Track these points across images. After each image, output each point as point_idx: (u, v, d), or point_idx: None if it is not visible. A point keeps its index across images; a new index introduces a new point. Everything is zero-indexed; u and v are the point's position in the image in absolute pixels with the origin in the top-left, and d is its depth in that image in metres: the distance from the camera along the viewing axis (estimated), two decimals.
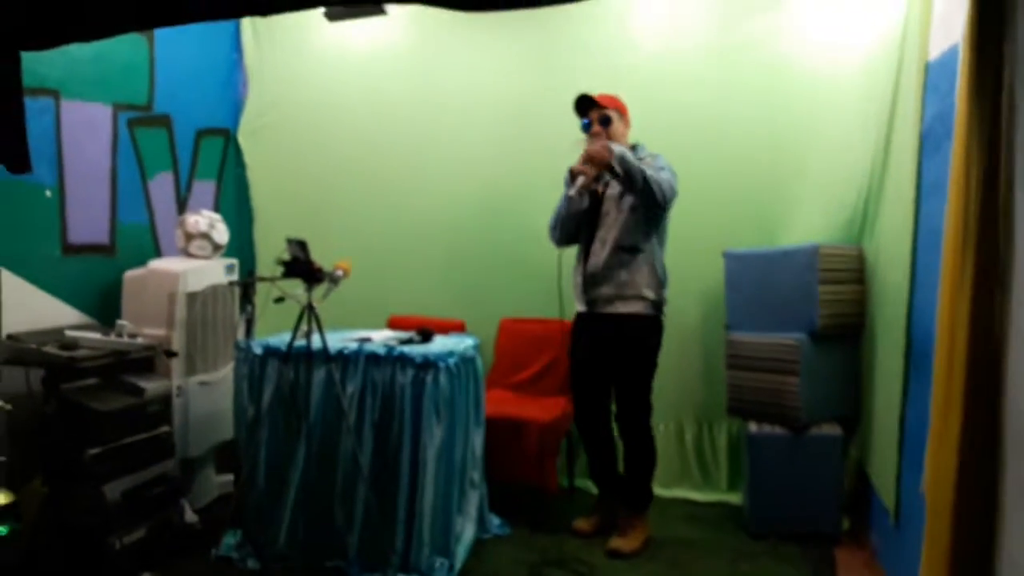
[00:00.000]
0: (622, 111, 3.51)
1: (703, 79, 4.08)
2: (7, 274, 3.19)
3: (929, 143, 2.73)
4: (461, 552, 3.25)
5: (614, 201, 3.42)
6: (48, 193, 3.46)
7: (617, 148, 3.25)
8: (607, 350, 3.45)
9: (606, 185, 3.45)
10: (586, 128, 3.48)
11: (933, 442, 2.03)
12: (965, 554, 1.80)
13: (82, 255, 3.64)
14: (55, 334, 3.16)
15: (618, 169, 3.21)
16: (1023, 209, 1.70)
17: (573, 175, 3.37)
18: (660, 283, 3.44)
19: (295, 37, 4.67)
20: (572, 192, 3.34)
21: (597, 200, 3.47)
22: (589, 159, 3.27)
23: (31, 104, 3.18)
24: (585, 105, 3.46)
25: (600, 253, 3.41)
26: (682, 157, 3.76)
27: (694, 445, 4.20)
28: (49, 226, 3.48)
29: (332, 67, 4.65)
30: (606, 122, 3.44)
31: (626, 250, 3.38)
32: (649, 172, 3.23)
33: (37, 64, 3.29)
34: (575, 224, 3.52)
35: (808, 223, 3.88)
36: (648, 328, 3.43)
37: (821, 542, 3.45)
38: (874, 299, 3.51)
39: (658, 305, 3.44)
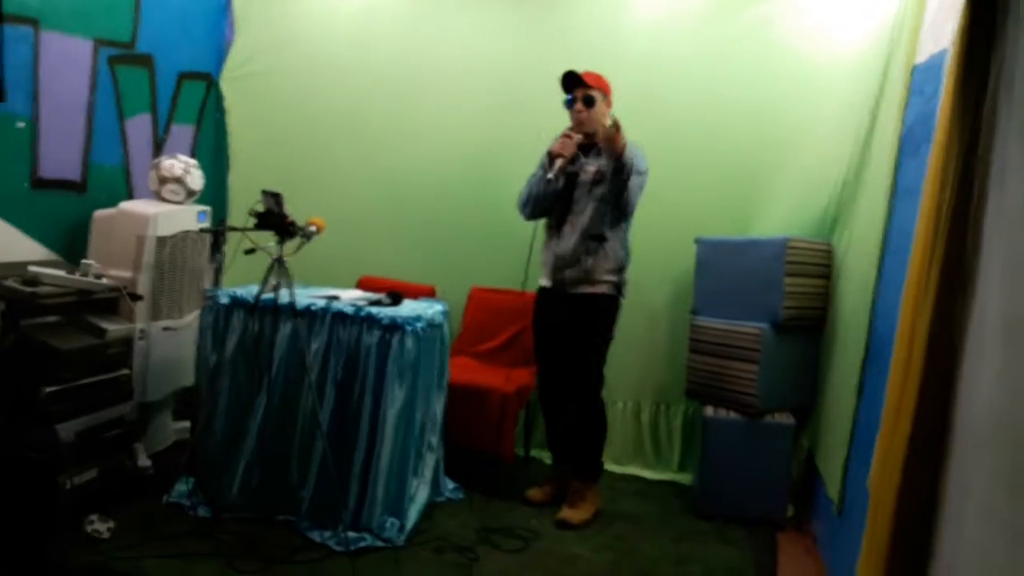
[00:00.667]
0: (606, 92, 3.51)
1: (692, 65, 4.09)
2: None
3: (908, 145, 2.76)
4: (413, 513, 3.28)
5: (585, 188, 3.45)
6: (21, 124, 3.37)
7: (630, 149, 3.26)
8: (568, 324, 3.50)
9: (581, 168, 3.47)
10: (569, 104, 3.48)
11: (883, 439, 2.08)
12: (903, 550, 1.85)
13: (52, 190, 3.57)
14: (18, 268, 3.10)
15: (628, 164, 3.24)
16: (994, 218, 1.73)
17: (552, 157, 3.38)
18: (622, 267, 3.50)
19: None
20: (551, 175, 3.34)
21: (570, 182, 3.48)
22: (607, 140, 3.23)
23: (8, 32, 3.12)
24: (571, 82, 3.45)
25: (569, 238, 3.45)
26: (665, 141, 3.79)
27: (650, 424, 4.27)
28: (19, 158, 3.40)
29: (321, 20, 4.57)
30: (590, 102, 3.43)
31: (593, 238, 3.43)
32: (636, 185, 3.31)
33: None
34: (547, 205, 3.53)
35: (782, 215, 3.93)
36: (606, 305, 3.49)
37: (765, 527, 3.54)
38: (839, 295, 3.57)
39: (619, 286, 3.50)
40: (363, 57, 4.51)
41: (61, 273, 3.16)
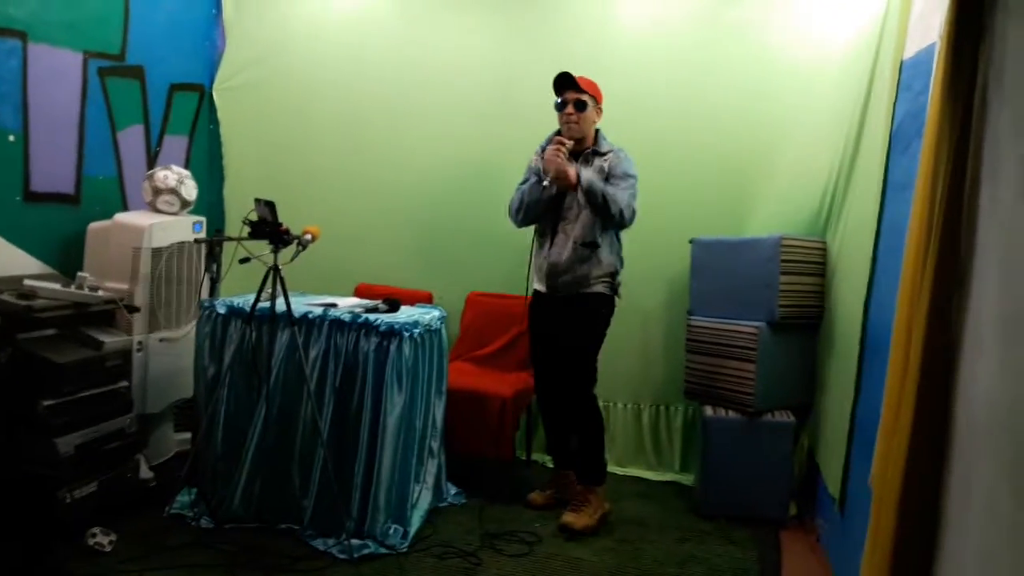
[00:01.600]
0: (598, 98, 3.50)
1: (682, 67, 4.11)
2: None
3: (898, 141, 2.77)
4: (416, 519, 3.28)
5: (576, 196, 3.41)
6: (11, 138, 3.37)
7: (585, 177, 3.29)
8: (563, 325, 3.49)
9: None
10: (559, 108, 3.46)
11: (883, 436, 2.09)
12: (908, 547, 1.85)
13: (45, 204, 3.56)
14: (13, 282, 3.10)
15: (580, 198, 3.30)
16: (987, 211, 1.73)
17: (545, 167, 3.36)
18: (617, 271, 3.50)
19: None
20: (547, 182, 3.32)
21: (561, 189, 3.44)
22: (556, 177, 3.30)
23: None
24: (564, 84, 3.43)
25: (563, 247, 3.43)
26: (656, 144, 3.81)
27: (650, 425, 4.27)
28: (11, 172, 3.40)
29: (312, 28, 4.58)
30: (581, 107, 3.41)
31: (586, 246, 3.41)
32: (611, 193, 3.30)
33: (4, 3, 3.22)
34: (539, 211, 3.50)
35: (775, 214, 3.95)
36: (600, 303, 3.49)
37: (768, 526, 3.54)
38: (834, 292, 3.57)
39: (613, 287, 3.50)
40: (356, 64, 4.51)
41: (57, 286, 3.15)
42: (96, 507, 3.04)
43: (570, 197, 3.43)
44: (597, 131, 3.52)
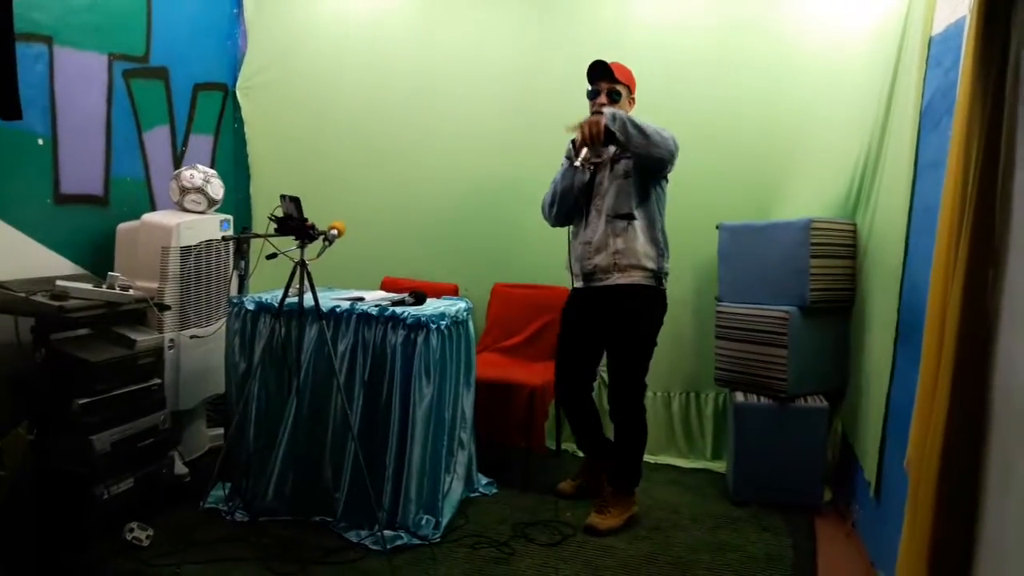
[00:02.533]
0: (632, 87, 3.42)
1: (705, 52, 4.07)
2: None
3: (928, 119, 2.72)
4: (448, 510, 3.29)
5: (606, 170, 3.35)
6: (40, 142, 3.42)
7: (607, 111, 3.16)
8: (601, 323, 3.39)
9: (610, 158, 3.36)
10: (592, 96, 3.36)
11: (918, 419, 2.05)
12: (947, 532, 1.82)
13: (75, 205, 3.61)
14: (46, 283, 3.14)
15: (617, 133, 3.10)
16: (1022, 188, 1.69)
17: (576, 146, 3.25)
18: (660, 252, 3.34)
19: None
20: (578, 162, 3.19)
21: (594, 174, 3.39)
22: (587, 138, 3.14)
23: (24, 50, 3.14)
24: (598, 73, 3.33)
25: (596, 223, 3.34)
26: (681, 130, 3.72)
27: (681, 413, 4.25)
28: (41, 175, 3.44)
29: (334, 25, 4.58)
30: (615, 96, 3.33)
31: (621, 217, 3.28)
32: (642, 124, 3.12)
33: (30, 9, 3.24)
34: (573, 198, 3.39)
35: (803, 197, 3.89)
36: (647, 299, 3.34)
37: (802, 512, 3.50)
38: (866, 274, 3.52)
39: (658, 276, 3.35)
40: (377, 59, 4.52)
41: (88, 286, 3.19)
42: (132, 503, 3.08)
43: (601, 174, 3.36)
44: None
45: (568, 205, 3.43)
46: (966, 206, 1.81)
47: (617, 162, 3.33)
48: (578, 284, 3.47)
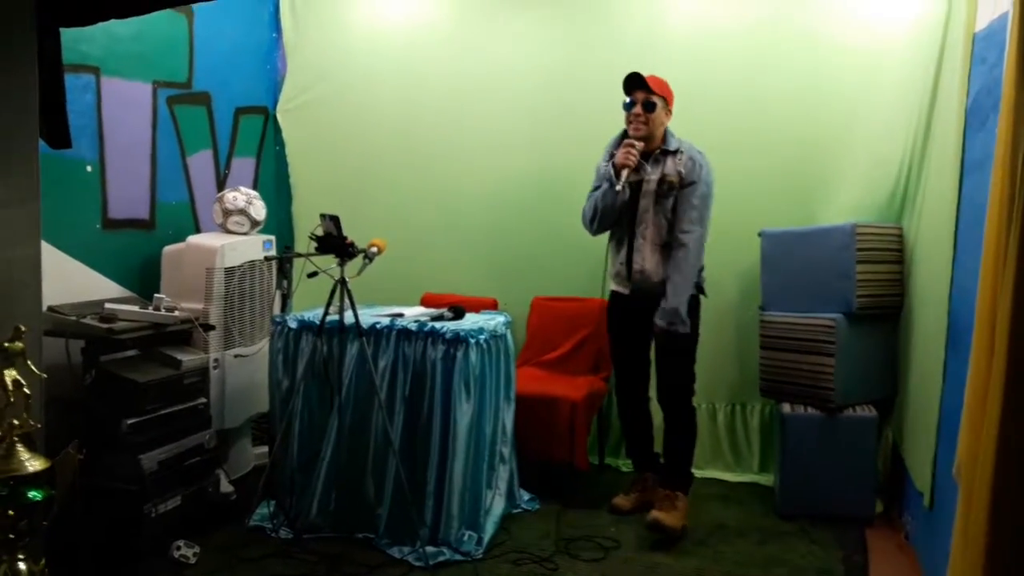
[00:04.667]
0: (668, 99, 3.41)
1: (740, 56, 4.02)
2: (48, 247, 3.24)
3: (974, 117, 2.65)
4: (490, 526, 3.28)
5: (651, 197, 3.36)
6: (89, 168, 3.51)
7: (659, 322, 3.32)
8: (647, 326, 3.41)
9: (644, 176, 3.38)
10: (627, 107, 3.37)
11: (967, 425, 1.99)
12: (1001, 544, 1.75)
13: (122, 230, 3.70)
14: (95, 306, 3.22)
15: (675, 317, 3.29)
16: None
17: (617, 169, 3.30)
18: (701, 266, 3.42)
19: (333, 14, 4.67)
20: (619, 186, 3.26)
21: (634, 191, 3.39)
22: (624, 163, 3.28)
23: (72, 81, 3.24)
24: (634, 84, 3.35)
25: (644, 251, 3.38)
26: (720, 137, 3.72)
27: (726, 426, 4.18)
28: (90, 201, 3.54)
29: (370, 44, 4.64)
30: (650, 107, 3.33)
31: (669, 245, 3.36)
32: (679, 284, 3.30)
33: (78, 42, 3.34)
34: (615, 216, 3.44)
35: (846, 201, 3.82)
36: (690, 307, 3.38)
37: (853, 524, 3.42)
38: (914, 279, 3.44)
39: (698, 284, 3.43)
40: (413, 77, 4.55)
41: (135, 308, 3.26)
42: (180, 521, 3.12)
43: (645, 199, 3.37)
44: (666, 130, 3.44)
45: (610, 222, 3.48)
46: (1014, 205, 1.76)
47: (660, 196, 3.34)
48: (621, 290, 3.52)
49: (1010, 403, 1.74)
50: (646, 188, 3.37)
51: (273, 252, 3.93)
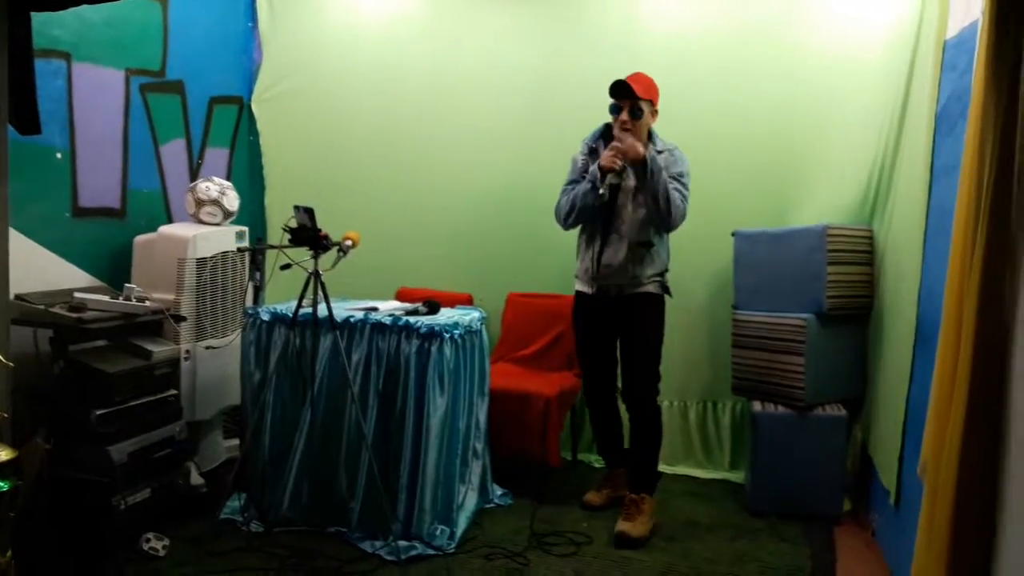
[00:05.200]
0: (655, 101, 3.41)
1: (719, 58, 4.05)
2: (16, 235, 3.19)
3: (944, 123, 2.69)
4: (463, 520, 3.28)
5: (629, 195, 3.36)
6: (59, 156, 3.46)
7: (651, 156, 3.24)
8: (613, 325, 3.46)
9: (625, 176, 3.36)
10: (614, 112, 3.35)
11: (932, 424, 2.02)
12: (965, 540, 1.79)
13: (92, 218, 3.65)
14: (64, 295, 3.18)
15: (651, 165, 3.21)
16: None
17: (603, 171, 3.27)
18: (666, 269, 3.46)
19: (310, 4, 4.63)
20: (603, 190, 3.24)
21: (613, 191, 3.37)
22: (622, 153, 3.22)
23: (43, 66, 3.19)
24: (620, 91, 3.32)
25: (617, 247, 3.36)
26: (695, 136, 3.74)
27: (698, 423, 4.21)
28: (60, 188, 3.48)
29: (347, 36, 4.61)
30: (637, 114, 3.31)
31: (641, 245, 3.36)
32: (668, 188, 3.24)
33: (49, 26, 3.29)
34: (591, 214, 3.42)
35: (819, 203, 3.86)
36: (653, 302, 3.43)
37: (821, 522, 3.46)
38: (883, 281, 3.49)
39: (664, 286, 3.46)
40: (391, 70, 4.53)
41: (105, 298, 3.22)
42: (149, 513, 3.09)
43: (623, 197, 3.36)
44: (650, 130, 3.45)
45: (586, 219, 3.47)
46: (980, 210, 1.79)
47: (639, 193, 3.34)
48: (586, 289, 3.51)
49: (974, 402, 1.78)
50: (625, 184, 3.36)
51: (246, 243, 3.90)
